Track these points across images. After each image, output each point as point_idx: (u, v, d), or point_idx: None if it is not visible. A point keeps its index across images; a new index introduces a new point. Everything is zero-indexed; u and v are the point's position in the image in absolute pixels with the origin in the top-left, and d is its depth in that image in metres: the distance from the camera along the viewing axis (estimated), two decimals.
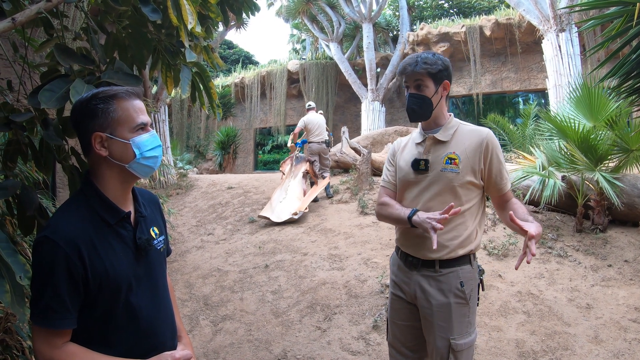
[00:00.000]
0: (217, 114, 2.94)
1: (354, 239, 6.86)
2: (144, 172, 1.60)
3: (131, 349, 1.56)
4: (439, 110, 2.40)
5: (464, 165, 2.28)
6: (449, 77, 2.38)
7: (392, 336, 2.57)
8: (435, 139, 2.37)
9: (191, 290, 5.86)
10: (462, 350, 2.27)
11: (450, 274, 2.31)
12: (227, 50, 37.36)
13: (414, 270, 2.40)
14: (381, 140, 13.00)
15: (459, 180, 2.28)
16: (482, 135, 2.32)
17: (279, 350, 4.34)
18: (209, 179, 13.02)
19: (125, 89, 1.58)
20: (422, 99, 2.35)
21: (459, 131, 2.38)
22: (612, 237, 5.99)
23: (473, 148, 2.30)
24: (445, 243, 2.28)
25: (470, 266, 2.35)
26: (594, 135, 6.00)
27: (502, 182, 2.34)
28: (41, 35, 3.45)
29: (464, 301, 2.30)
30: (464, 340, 2.28)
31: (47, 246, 1.42)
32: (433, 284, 2.32)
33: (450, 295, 2.29)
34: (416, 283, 2.38)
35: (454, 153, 2.30)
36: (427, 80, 2.33)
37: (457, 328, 2.27)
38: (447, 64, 2.38)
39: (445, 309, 2.28)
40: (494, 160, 2.31)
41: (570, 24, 11.08)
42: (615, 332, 4.19)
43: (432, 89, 2.34)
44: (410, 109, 2.41)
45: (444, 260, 2.31)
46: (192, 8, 2.30)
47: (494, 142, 2.33)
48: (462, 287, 2.30)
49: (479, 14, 20.07)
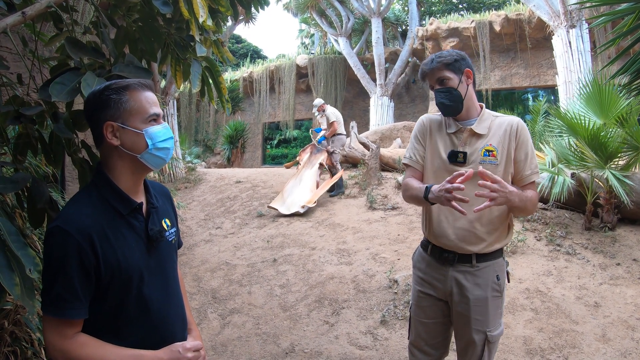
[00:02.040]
0: (226, 108, 2.94)
1: (362, 234, 6.86)
2: (156, 163, 1.61)
3: (142, 340, 1.57)
4: (470, 101, 2.37)
5: (502, 157, 2.28)
6: (468, 65, 2.35)
7: (416, 335, 2.55)
8: (472, 132, 2.34)
9: (199, 284, 5.88)
10: (495, 342, 2.33)
11: (487, 268, 2.33)
12: (235, 45, 37.36)
13: (448, 267, 2.38)
14: (390, 135, 12.97)
15: (498, 171, 2.26)
16: (513, 123, 2.32)
17: (287, 344, 4.35)
18: (217, 173, 13.04)
19: (138, 81, 1.59)
20: (448, 91, 2.32)
21: (494, 123, 2.36)
22: (621, 236, 5.96)
23: (507, 137, 2.30)
24: (483, 236, 2.29)
25: (503, 258, 2.39)
26: (604, 132, 5.95)
27: (525, 170, 2.31)
28: (51, 30, 3.46)
29: (499, 294, 2.34)
30: (498, 331, 2.34)
31: (59, 236, 1.42)
32: (470, 278, 2.33)
33: (487, 289, 2.31)
34: (452, 279, 2.37)
35: (491, 145, 2.29)
36: (446, 72, 2.31)
37: (493, 320, 2.32)
38: (462, 54, 2.36)
39: (483, 302, 2.30)
40: (522, 145, 2.30)
41: (580, 20, 10.98)
42: (623, 331, 4.18)
43: (455, 80, 2.31)
44: (440, 104, 2.35)
45: (481, 255, 2.32)
46: (203, 1, 2.30)
47: (524, 131, 2.32)
48: (498, 280, 2.33)
49: (488, 9, 19.92)
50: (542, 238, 6.10)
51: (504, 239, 2.36)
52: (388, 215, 7.54)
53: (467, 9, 23.19)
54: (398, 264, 5.64)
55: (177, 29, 2.72)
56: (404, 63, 19.55)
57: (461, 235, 2.32)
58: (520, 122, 2.32)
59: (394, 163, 10.04)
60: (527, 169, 2.30)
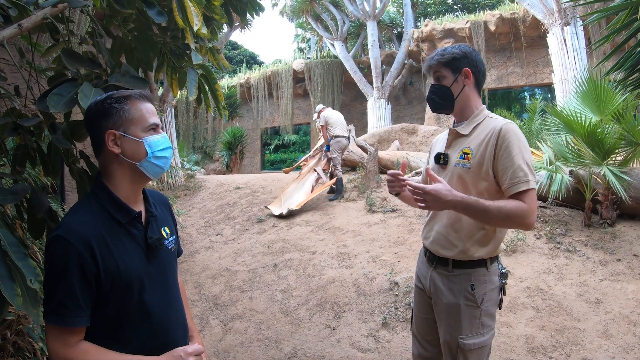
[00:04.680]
0: (223, 115, 2.95)
1: (362, 237, 6.87)
2: (154, 172, 1.63)
3: (143, 346, 1.58)
4: (464, 101, 2.31)
5: (475, 161, 2.18)
6: (470, 64, 2.28)
7: (415, 327, 2.58)
8: (457, 133, 2.33)
9: (201, 290, 5.89)
10: (471, 350, 2.22)
11: (462, 275, 2.26)
12: (231, 51, 37.38)
13: (431, 266, 2.40)
14: (388, 137, 12.98)
15: (469, 176, 2.19)
16: (496, 128, 2.16)
17: (289, 348, 4.35)
18: (217, 180, 13.04)
19: (139, 92, 1.63)
20: (440, 89, 2.32)
21: (482, 124, 2.27)
22: (621, 232, 5.96)
23: (486, 141, 2.17)
24: (455, 242, 2.25)
25: (486, 269, 2.26)
26: (600, 129, 5.97)
27: (506, 180, 2.10)
28: (47, 41, 3.47)
29: (473, 304, 2.23)
30: (474, 340, 2.22)
31: (59, 244, 1.44)
32: (445, 282, 2.31)
33: (460, 296, 2.24)
34: (431, 279, 2.38)
35: (469, 147, 2.23)
36: (443, 70, 2.30)
37: (467, 328, 2.22)
38: (466, 51, 2.29)
39: (455, 309, 2.25)
40: (503, 152, 2.11)
41: (575, 18, 11.01)
42: (624, 327, 4.18)
43: (450, 78, 2.29)
44: (429, 99, 2.38)
45: (457, 261, 2.27)
46: (197, 10, 2.31)
47: (507, 135, 2.12)
48: (472, 290, 2.23)
49: (483, 9, 19.96)
50: (541, 236, 6.10)
51: (484, 248, 2.23)
52: (387, 217, 7.54)
53: (461, 10, 23.20)
54: (398, 266, 5.65)
55: (172, 38, 2.74)
56: (400, 65, 19.56)
57: (437, 238, 2.34)
58: (505, 126, 2.14)
59: (392, 165, 10.05)
60: (508, 179, 2.10)
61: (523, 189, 2.08)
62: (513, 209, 2.05)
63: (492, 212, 2.05)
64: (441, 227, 2.32)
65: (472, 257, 2.24)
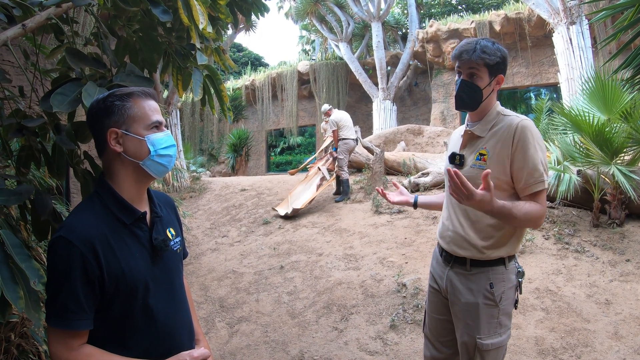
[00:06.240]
0: (227, 117, 2.93)
1: (369, 239, 6.84)
2: (158, 170, 1.60)
3: (148, 350, 1.55)
4: (487, 103, 2.26)
5: (492, 162, 2.16)
6: (504, 71, 2.23)
7: (429, 328, 2.56)
8: (471, 134, 2.28)
9: (207, 293, 5.87)
10: (489, 350, 2.22)
11: (481, 274, 2.25)
12: (236, 53, 37.52)
13: (447, 266, 2.38)
14: (393, 139, 12.96)
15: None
16: (512, 125, 2.14)
17: (296, 351, 4.33)
18: (222, 182, 13.05)
19: (142, 89, 1.59)
20: (473, 89, 2.21)
21: (497, 123, 2.23)
22: (630, 232, 5.91)
23: (503, 141, 2.15)
24: (475, 242, 2.23)
25: (504, 267, 2.25)
26: (608, 128, 5.92)
27: (522, 180, 2.11)
28: (52, 42, 3.47)
29: (492, 303, 2.23)
30: (492, 340, 2.22)
31: (62, 246, 1.41)
32: (463, 281, 2.29)
33: (479, 295, 2.23)
34: (448, 279, 2.36)
35: (485, 148, 2.19)
36: (482, 70, 2.18)
37: (485, 328, 2.22)
38: (505, 55, 2.22)
39: (473, 308, 2.24)
40: (520, 151, 2.10)
41: (580, 17, 10.94)
42: (635, 328, 4.14)
43: (485, 80, 2.20)
44: (458, 96, 2.26)
45: (475, 260, 2.25)
46: (202, 8, 2.29)
47: (524, 133, 2.11)
48: (491, 288, 2.22)
49: (487, 9, 19.92)
50: (550, 237, 6.06)
51: (504, 248, 2.23)
52: (394, 219, 7.51)
53: (466, 10, 23.17)
54: (406, 268, 5.61)
55: (177, 38, 2.72)
56: (406, 66, 19.55)
57: (454, 238, 2.31)
58: (521, 123, 2.13)
59: (398, 166, 10.02)
60: (524, 180, 2.11)
61: (539, 189, 2.10)
62: (535, 213, 2.07)
63: (519, 218, 2.05)
64: (459, 228, 2.29)
65: (491, 257, 2.23)
